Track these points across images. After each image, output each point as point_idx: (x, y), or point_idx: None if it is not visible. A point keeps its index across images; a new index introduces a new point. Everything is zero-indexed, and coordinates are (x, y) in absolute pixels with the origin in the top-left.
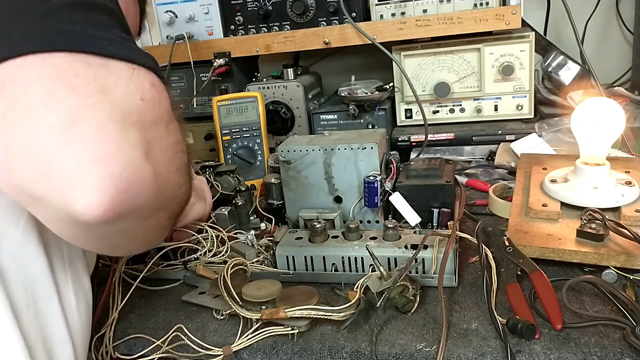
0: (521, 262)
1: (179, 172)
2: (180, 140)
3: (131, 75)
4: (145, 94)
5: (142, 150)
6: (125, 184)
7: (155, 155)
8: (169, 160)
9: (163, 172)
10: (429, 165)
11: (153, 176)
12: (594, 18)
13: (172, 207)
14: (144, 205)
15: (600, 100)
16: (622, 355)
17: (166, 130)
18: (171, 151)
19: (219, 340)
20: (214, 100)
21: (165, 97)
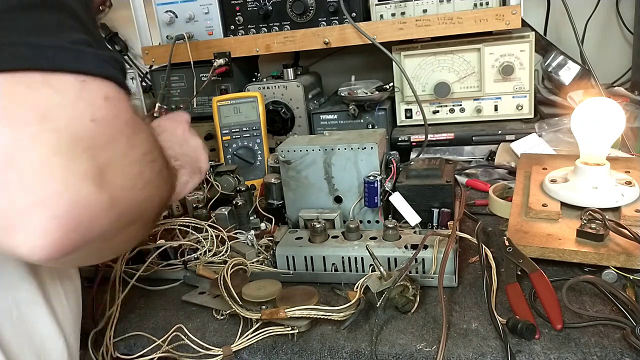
0: (521, 262)
1: (150, 186)
2: (149, 150)
3: (79, 92)
4: (97, 112)
5: (93, 179)
6: (73, 222)
7: (113, 180)
8: (133, 179)
9: (125, 194)
10: (429, 165)
11: (109, 204)
12: (594, 18)
13: (146, 217)
14: (102, 233)
15: (600, 100)
16: (622, 355)
17: (128, 145)
18: (137, 167)
19: (219, 340)
20: (214, 100)
21: (125, 107)
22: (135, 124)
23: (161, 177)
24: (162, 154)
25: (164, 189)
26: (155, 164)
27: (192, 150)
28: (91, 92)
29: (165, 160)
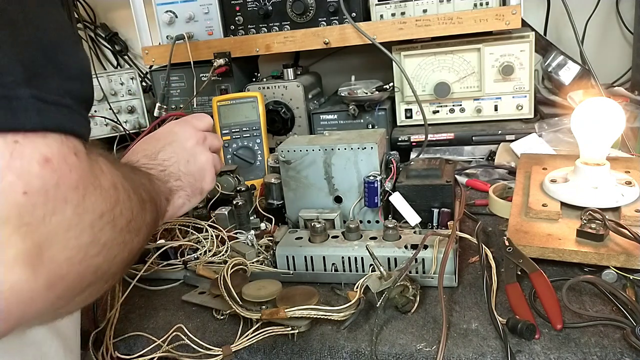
0: (521, 262)
1: (107, 248)
2: (107, 210)
3: (8, 160)
4: (32, 182)
5: (26, 263)
6: (5, 310)
7: (54, 257)
8: (82, 249)
9: (70, 269)
10: (429, 165)
11: (47, 287)
12: (594, 18)
13: (109, 277)
14: (43, 312)
15: (600, 100)
16: (622, 355)
17: (76, 213)
18: (87, 234)
19: (219, 340)
20: (214, 100)
21: (72, 168)
22: (87, 185)
23: (128, 231)
24: (135, 196)
25: (136, 239)
26: (119, 220)
27: (198, 169)
28: (23, 157)
29: (142, 203)
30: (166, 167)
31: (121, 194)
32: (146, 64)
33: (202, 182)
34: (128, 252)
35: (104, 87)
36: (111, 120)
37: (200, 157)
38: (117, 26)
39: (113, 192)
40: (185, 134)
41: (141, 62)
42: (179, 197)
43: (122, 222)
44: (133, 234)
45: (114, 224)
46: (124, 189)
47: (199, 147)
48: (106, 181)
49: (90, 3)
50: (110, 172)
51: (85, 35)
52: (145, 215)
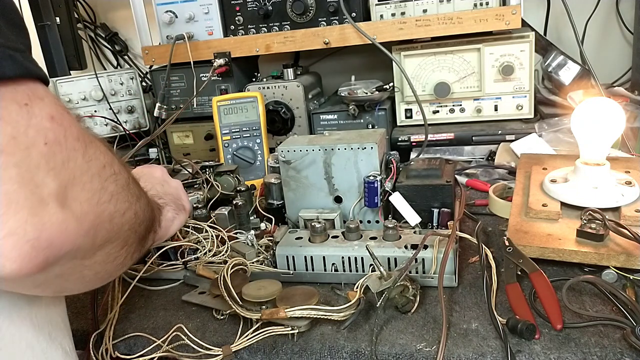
0: (521, 262)
1: (115, 199)
2: (107, 163)
3: (28, 118)
4: (48, 134)
5: (56, 200)
6: (45, 242)
7: (76, 196)
8: (96, 192)
9: (90, 208)
10: (429, 165)
11: (76, 221)
12: (594, 18)
13: (123, 236)
14: (75, 248)
15: (600, 100)
16: (622, 355)
17: (84, 160)
18: (97, 181)
19: (219, 340)
20: (214, 100)
21: (70, 121)
22: (84, 137)
23: (129, 192)
24: (125, 170)
25: (138, 204)
26: (118, 176)
27: (174, 189)
28: (37, 116)
29: (132, 177)
30: (148, 189)
31: (112, 157)
32: (146, 64)
33: (181, 200)
34: (134, 212)
35: (104, 87)
36: (111, 120)
37: (172, 182)
38: (117, 26)
39: (105, 149)
40: (150, 170)
41: (141, 62)
42: (167, 211)
43: (121, 181)
44: (134, 196)
45: (116, 178)
46: (112, 154)
47: (165, 175)
48: (98, 139)
49: (90, 3)
50: (94, 136)
51: (85, 35)
52: (139, 188)
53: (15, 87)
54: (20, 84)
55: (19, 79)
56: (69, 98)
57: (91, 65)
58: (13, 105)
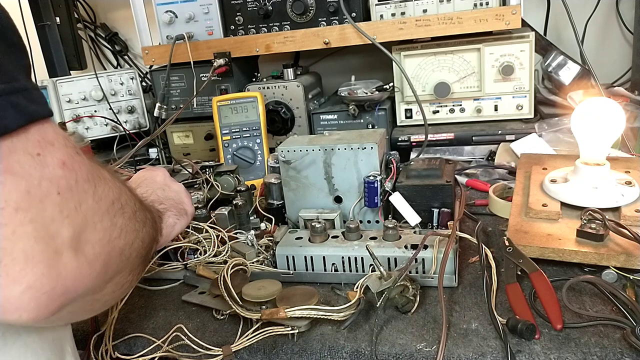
0: (521, 262)
1: (125, 232)
2: (115, 199)
3: (41, 169)
4: (60, 182)
5: (71, 248)
6: (60, 291)
7: (88, 239)
8: (107, 231)
9: (102, 249)
10: (429, 165)
11: (89, 265)
12: (594, 18)
13: (131, 265)
14: (87, 290)
15: (600, 100)
16: (622, 355)
17: (94, 200)
18: (107, 218)
19: (219, 340)
20: (214, 100)
21: (80, 162)
22: (94, 176)
23: (136, 220)
24: (132, 196)
25: (144, 230)
26: (126, 208)
27: (175, 193)
28: (49, 165)
29: (138, 200)
30: (148, 194)
31: (120, 187)
32: (146, 64)
33: (183, 204)
34: (141, 240)
35: (104, 87)
36: (111, 120)
37: (173, 186)
38: (117, 26)
39: (114, 182)
40: (152, 173)
41: (141, 62)
42: (168, 217)
43: (128, 211)
44: (140, 223)
45: (123, 211)
46: (121, 182)
47: (168, 180)
48: (106, 173)
49: (90, 3)
50: (103, 167)
51: (85, 35)
52: (145, 212)
53: (26, 137)
54: (30, 131)
55: (28, 126)
56: (69, 98)
57: (91, 65)
58: (25, 157)
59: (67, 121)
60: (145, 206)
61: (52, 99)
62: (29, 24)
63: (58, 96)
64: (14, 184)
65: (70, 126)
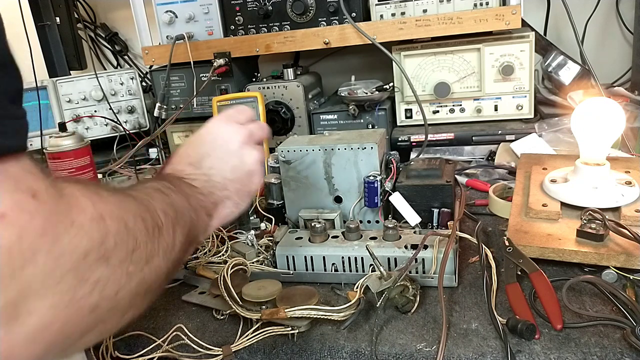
0: (521, 262)
1: (102, 284)
2: (92, 248)
3: None
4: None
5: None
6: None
7: (32, 308)
8: (67, 293)
9: (58, 315)
10: (429, 165)
11: (26, 341)
12: (594, 18)
13: (121, 310)
14: (41, 355)
15: (600, 100)
16: (622, 355)
17: (51, 257)
18: (71, 277)
19: (219, 340)
20: (214, 100)
21: (33, 210)
22: (56, 226)
23: (133, 261)
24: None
25: (148, 268)
26: (115, 252)
27: (246, 173)
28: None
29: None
30: (210, 176)
31: (112, 225)
32: (146, 64)
33: (250, 184)
34: (137, 283)
35: (104, 87)
36: (111, 120)
37: (248, 159)
38: (117, 26)
39: (97, 225)
40: (230, 135)
41: (141, 62)
42: (224, 207)
43: (119, 255)
44: (140, 263)
45: (107, 258)
46: (117, 218)
47: (245, 148)
48: (84, 216)
49: (90, 3)
50: (91, 204)
51: (85, 35)
52: (159, 240)
53: None
54: None
55: None
56: (69, 98)
57: (91, 65)
58: None
59: (67, 121)
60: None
61: (52, 99)
62: (29, 24)
63: (58, 96)
64: None
65: (70, 126)
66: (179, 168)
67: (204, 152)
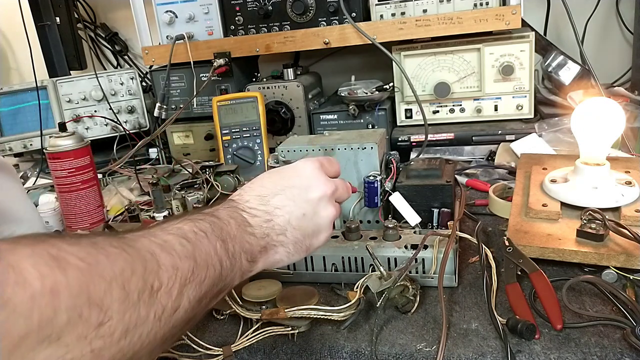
0: (521, 262)
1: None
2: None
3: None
4: None
5: None
6: None
7: None
8: None
9: None
10: (429, 165)
11: None
12: (594, 18)
13: None
14: None
15: (600, 100)
16: (622, 355)
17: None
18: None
19: (219, 340)
20: (214, 100)
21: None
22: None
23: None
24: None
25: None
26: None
27: (313, 226)
28: None
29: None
30: (274, 216)
31: (66, 301)
32: (146, 64)
33: (313, 239)
34: (111, 356)
35: (104, 87)
36: (111, 120)
37: (322, 213)
38: (117, 26)
39: (40, 302)
40: (315, 182)
41: (141, 62)
42: (275, 253)
43: (76, 331)
44: (113, 337)
45: (56, 337)
46: (77, 290)
47: (324, 202)
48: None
49: (90, 3)
50: (38, 277)
51: (85, 35)
52: (149, 306)
53: None
54: None
55: None
56: (69, 98)
57: (91, 65)
58: None
59: (67, 121)
60: (203, 266)
61: (52, 99)
62: (29, 24)
63: (58, 96)
64: None
65: (70, 126)
66: (246, 197)
67: (279, 188)
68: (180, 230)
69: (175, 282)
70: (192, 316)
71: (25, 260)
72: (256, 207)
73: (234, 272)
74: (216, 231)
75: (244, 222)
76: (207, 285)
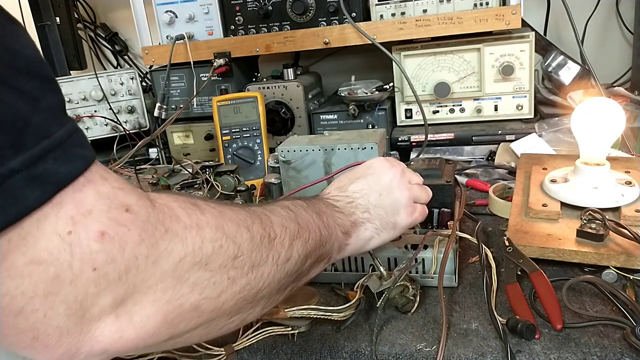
0: (521, 262)
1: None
2: (187, 253)
3: (71, 250)
4: (97, 258)
5: (110, 313)
6: (98, 351)
7: (137, 302)
8: (167, 291)
9: (159, 309)
10: (429, 165)
11: (135, 328)
12: (594, 18)
13: (226, 313)
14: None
15: (600, 100)
16: (622, 355)
17: (149, 262)
18: (169, 279)
19: (219, 340)
20: (214, 100)
21: (130, 222)
22: (152, 234)
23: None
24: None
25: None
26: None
27: (391, 202)
28: (81, 243)
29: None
30: (354, 198)
31: (208, 233)
32: (146, 64)
33: (395, 216)
34: (241, 287)
35: (104, 87)
36: (111, 120)
37: (395, 191)
38: (117, 26)
39: (191, 233)
40: (384, 169)
41: (141, 62)
42: (365, 230)
43: (218, 260)
44: (243, 269)
45: (205, 263)
46: (215, 227)
47: (395, 182)
48: (178, 225)
49: (90, 3)
50: (185, 214)
51: (85, 35)
52: (269, 250)
53: (55, 212)
54: (60, 204)
55: (56, 197)
56: (69, 98)
57: (91, 65)
58: (53, 241)
59: None
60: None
61: None
62: (29, 24)
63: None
64: (41, 273)
65: None
66: (327, 191)
67: (353, 177)
68: (281, 204)
69: (286, 236)
70: (299, 271)
71: (173, 203)
72: (337, 194)
73: (331, 240)
74: (310, 207)
75: (330, 205)
76: (311, 246)
